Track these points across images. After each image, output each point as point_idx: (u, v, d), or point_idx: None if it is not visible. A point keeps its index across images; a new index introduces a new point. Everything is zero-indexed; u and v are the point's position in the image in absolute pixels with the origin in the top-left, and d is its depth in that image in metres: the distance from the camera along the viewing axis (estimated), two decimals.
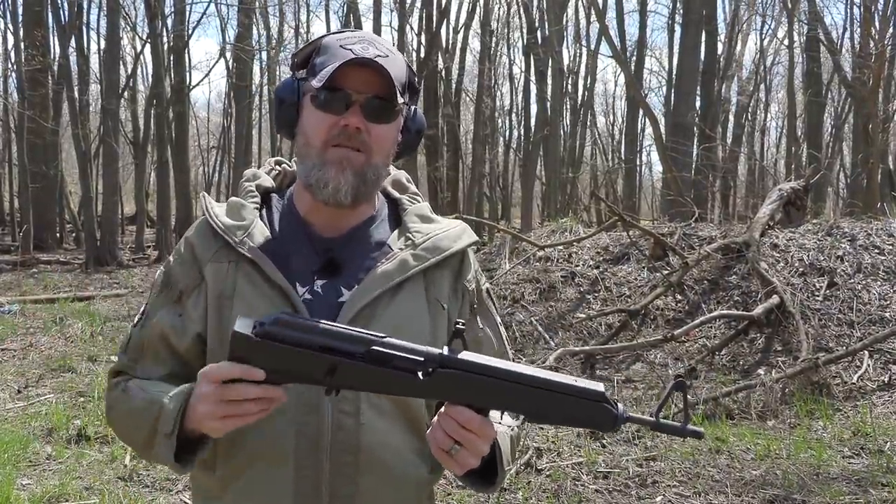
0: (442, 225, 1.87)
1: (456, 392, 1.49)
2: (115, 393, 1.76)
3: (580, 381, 1.52)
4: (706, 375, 7.86)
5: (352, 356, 1.48)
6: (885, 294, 8.39)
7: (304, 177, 1.72)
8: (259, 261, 1.68)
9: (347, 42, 1.70)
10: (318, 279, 1.72)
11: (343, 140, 1.67)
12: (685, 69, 21.66)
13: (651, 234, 10.28)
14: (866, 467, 5.65)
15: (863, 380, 7.37)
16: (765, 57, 35.17)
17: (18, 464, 5.93)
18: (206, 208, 1.77)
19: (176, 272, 1.76)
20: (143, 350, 1.76)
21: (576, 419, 1.53)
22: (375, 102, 1.68)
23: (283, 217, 1.80)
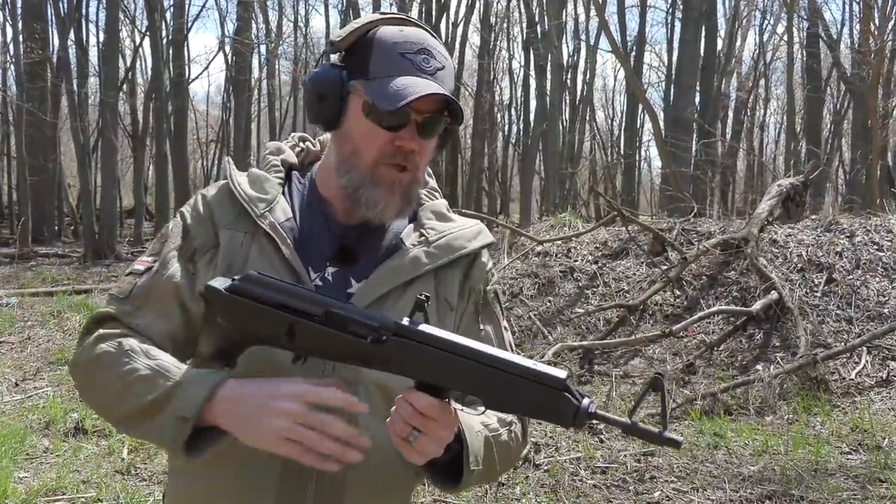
0: (458, 224, 1.85)
1: (409, 364, 1.45)
2: (103, 345, 1.61)
3: (541, 366, 1.43)
4: (704, 371, 7.86)
5: (311, 317, 1.48)
6: (883, 290, 8.39)
7: (350, 189, 1.66)
8: (278, 238, 1.65)
9: (407, 49, 1.63)
10: (329, 266, 1.70)
11: (397, 160, 1.64)
12: (685, 65, 21.66)
13: (650, 230, 10.28)
14: (864, 463, 5.65)
15: (861, 376, 7.37)
16: (764, 53, 35.19)
17: (16, 457, 5.91)
18: (229, 174, 1.73)
19: (194, 228, 1.70)
20: (149, 299, 1.66)
21: (533, 407, 1.43)
22: (431, 120, 1.65)
23: (305, 198, 1.76)
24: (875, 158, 16.82)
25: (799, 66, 31.26)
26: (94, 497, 5.19)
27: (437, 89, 1.58)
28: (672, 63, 30.29)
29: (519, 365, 1.42)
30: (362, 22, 1.68)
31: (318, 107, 1.68)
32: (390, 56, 1.62)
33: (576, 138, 35.71)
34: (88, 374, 1.64)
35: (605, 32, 19.12)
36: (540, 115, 27.83)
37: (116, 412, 1.60)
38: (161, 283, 1.66)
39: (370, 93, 1.60)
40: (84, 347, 1.65)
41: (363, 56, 1.65)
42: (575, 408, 1.40)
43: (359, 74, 1.64)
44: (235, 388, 1.49)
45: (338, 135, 1.70)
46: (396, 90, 1.57)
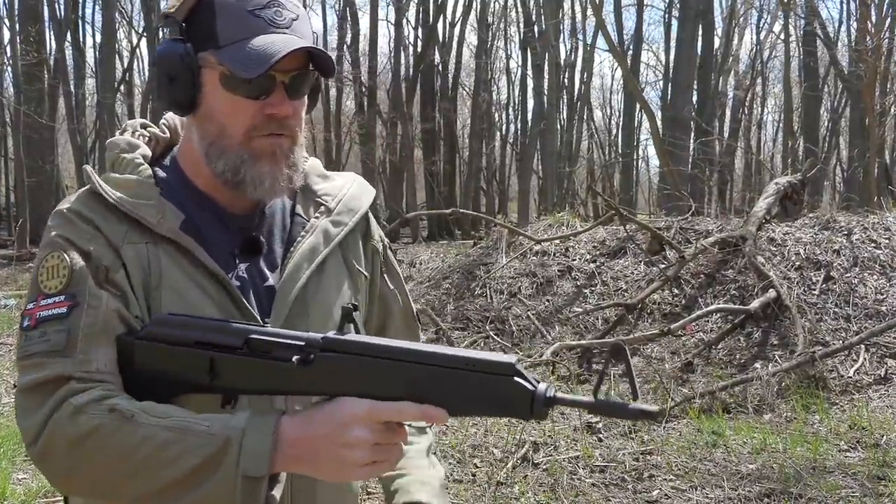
0: (340, 181, 1.74)
1: (342, 380, 1.31)
2: (87, 417, 1.33)
3: (486, 354, 1.29)
4: (703, 369, 7.86)
5: (230, 349, 1.36)
6: (881, 288, 8.40)
7: (230, 173, 1.50)
8: (186, 244, 1.48)
9: (255, 5, 1.47)
10: (239, 262, 1.56)
11: (271, 129, 1.49)
12: (682, 63, 21.70)
13: (648, 229, 10.28)
14: (862, 461, 5.65)
15: (859, 374, 7.37)
16: (761, 51, 35.21)
17: (14, 459, 5.92)
18: (99, 184, 1.50)
19: (91, 247, 1.45)
20: (93, 336, 1.40)
21: (483, 401, 1.28)
22: (298, 78, 1.50)
23: (182, 194, 1.55)
24: (872, 156, 16.82)
25: (796, 65, 31.31)
26: None
27: (299, 43, 1.44)
28: (669, 62, 30.29)
29: (460, 357, 1.28)
30: None
31: (169, 90, 1.50)
32: (238, 16, 1.46)
33: (573, 137, 35.71)
34: (80, 457, 1.35)
35: (602, 31, 19.14)
36: (537, 115, 27.85)
37: (140, 489, 1.34)
38: (102, 316, 1.41)
39: (226, 62, 1.44)
40: (55, 427, 1.35)
41: (207, 22, 1.47)
42: (530, 394, 1.26)
43: (207, 44, 1.47)
44: (296, 428, 1.31)
45: (198, 117, 1.52)
46: (256, 53, 1.42)
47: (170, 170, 1.59)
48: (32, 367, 1.39)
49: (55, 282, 1.44)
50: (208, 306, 1.48)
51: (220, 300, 1.49)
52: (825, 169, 26.11)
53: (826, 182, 27.64)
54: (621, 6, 32.38)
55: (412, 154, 31.96)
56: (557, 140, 29.99)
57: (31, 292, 1.47)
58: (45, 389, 1.37)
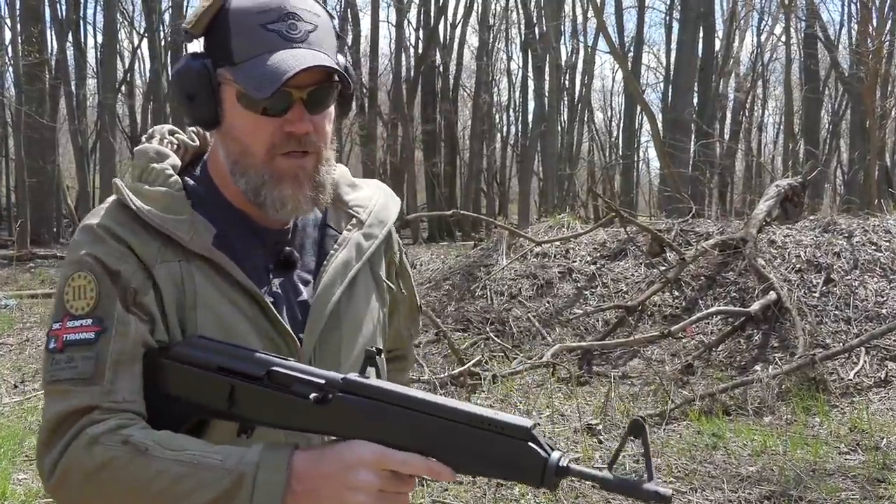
0: (369, 191, 1.71)
1: (356, 423, 1.30)
2: (101, 448, 1.32)
3: (504, 415, 1.26)
4: (703, 371, 7.86)
5: (252, 379, 1.36)
6: (881, 290, 8.39)
7: (252, 194, 1.47)
8: (221, 262, 1.45)
9: (268, 19, 1.42)
10: (273, 277, 1.53)
11: (292, 147, 1.45)
12: (683, 65, 21.71)
13: (648, 231, 10.28)
14: (862, 463, 5.65)
15: (859, 376, 7.37)
16: (762, 53, 35.23)
17: (14, 459, 5.92)
18: (130, 199, 1.46)
19: (120, 268, 1.42)
20: (120, 365, 1.39)
21: (494, 463, 1.25)
22: (318, 93, 1.46)
23: (214, 207, 1.52)
24: (873, 159, 16.82)
25: (797, 67, 31.32)
26: None
27: (312, 60, 1.40)
28: (670, 64, 30.30)
29: (477, 415, 1.26)
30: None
31: (189, 107, 1.48)
32: (252, 32, 1.42)
33: (574, 139, 35.73)
34: (95, 489, 1.34)
35: (603, 33, 19.18)
36: (538, 116, 27.87)
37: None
38: (129, 344, 1.40)
39: (240, 81, 1.41)
40: (72, 457, 1.34)
41: (223, 38, 1.44)
42: (542, 461, 1.23)
43: (223, 60, 1.44)
44: (306, 465, 1.30)
45: (221, 133, 1.50)
46: (268, 72, 1.38)
47: (200, 180, 1.56)
48: (60, 395, 1.38)
49: (82, 303, 1.41)
50: (242, 323, 1.47)
51: (254, 316, 1.48)
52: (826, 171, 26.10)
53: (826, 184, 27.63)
54: (622, 8, 32.44)
55: (413, 155, 31.98)
56: (558, 142, 29.99)
57: (57, 311, 1.44)
58: (70, 420, 1.36)
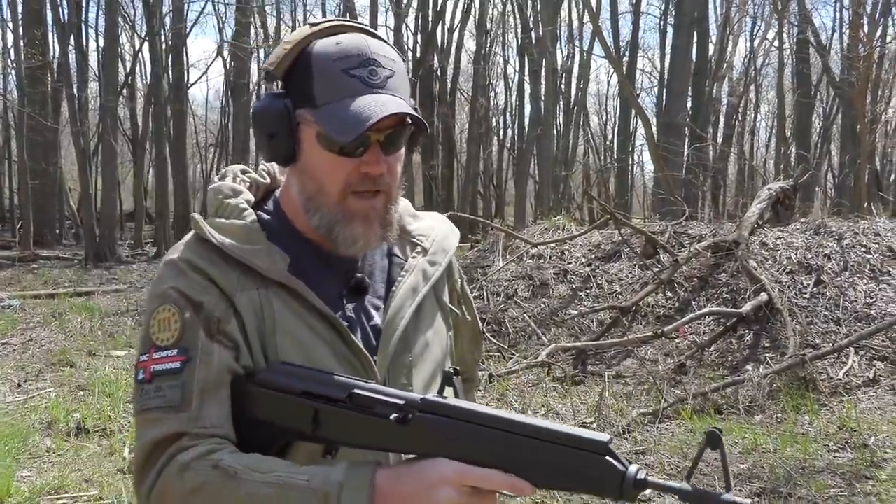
0: (430, 221, 1.77)
1: (435, 442, 1.32)
2: (193, 474, 1.36)
3: (579, 430, 1.27)
4: (695, 371, 7.89)
5: (334, 402, 1.39)
6: (870, 292, 8.43)
7: (324, 230, 1.52)
8: (297, 288, 1.50)
9: (350, 65, 1.47)
10: (347, 303, 1.57)
11: (366, 186, 1.50)
12: (677, 70, 21.72)
13: (642, 233, 10.32)
14: (851, 461, 5.68)
15: (848, 376, 7.40)
16: (755, 58, 35.22)
17: (19, 456, 5.94)
18: (210, 233, 1.51)
19: (203, 299, 1.47)
20: (206, 393, 1.43)
21: (572, 477, 1.26)
22: (393, 136, 1.50)
23: (287, 238, 1.56)
24: (863, 162, 16.86)
25: (789, 72, 31.35)
26: (97, 495, 5.21)
27: (393, 107, 1.45)
28: (664, 68, 30.30)
29: (555, 431, 1.27)
30: (294, 41, 1.50)
31: (269, 145, 1.52)
32: (334, 77, 1.47)
33: (570, 142, 35.70)
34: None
35: (599, 38, 19.16)
36: (534, 120, 27.85)
37: None
38: (213, 371, 1.44)
39: (322, 123, 1.46)
40: (166, 483, 1.39)
41: (304, 81, 1.49)
42: (621, 475, 1.23)
43: (304, 103, 1.48)
44: (388, 483, 1.32)
45: (297, 169, 1.54)
46: (351, 116, 1.43)
47: (273, 213, 1.61)
48: (151, 423, 1.42)
49: (167, 335, 1.46)
50: (320, 346, 1.50)
51: (331, 340, 1.51)
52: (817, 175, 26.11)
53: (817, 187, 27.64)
54: (618, 13, 32.43)
55: (411, 158, 31.95)
56: (554, 145, 30.03)
57: (144, 344, 1.49)
58: (161, 447, 1.40)
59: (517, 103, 36.66)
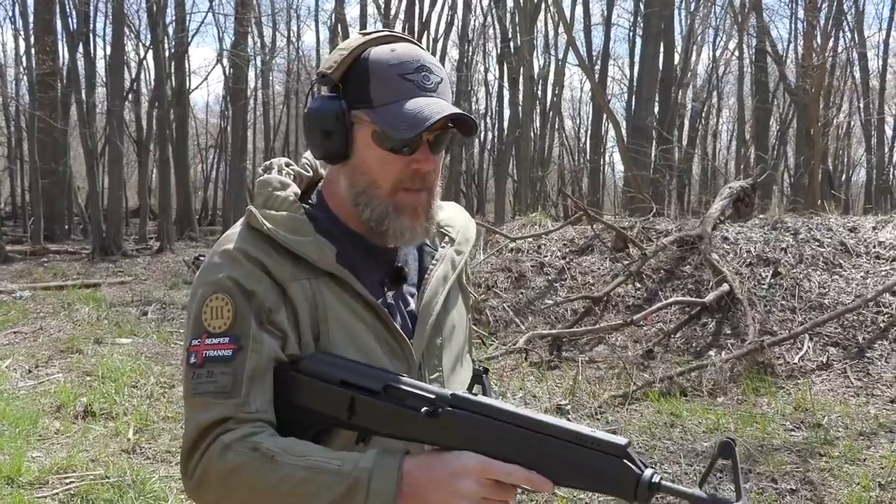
0: (452, 211, 1.76)
1: (462, 435, 1.32)
2: (234, 454, 1.37)
3: (600, 433, 1.27)
4: (662, 356, 7.90)
5: (371, 392, 1.38)
6: (824, 283, 8.46)
7: (375, 223, 1.51)
8: (345, 277, 1.49)
9: (405, 70, 1.48)
10: (387, 290, 1.57)
11: (415, 183, 1.50)
12: (645, 77, 21.77)
13: (613, 228, 10.32)
14: (806, 439, 5.70)
15: (803, 360, 7.43)
16: (717, 67, 35.30)
17: (29, 438, 5.89)
18: (263, 224, 1.49)
19: (256, 288, 1.45)
20: (254, 381, 1.42)
21: (591, 477, 1.25)
22: (442, 137, 1.51)
23: (332, 229, 1.55)
24: (817, 163, 16.91)
25: (748, 80, 31.45)
26: (102, 475, 5.17)
27: (449, 109, 1.47)
28: (633, 76, 30.35)
29: (576, 432, 1.26)
30: (349, 48, 1.51)
31: (324, 143, 1.52)
32: (391, 80, 1.47)
33: (546, 144, 35.67)
34: (226, 492, 1.39)
35: (573, 48, 19.15)
36: (513, 123, 27.84)
37: None
38: (263, 360, 1.43)
39: (380, 122, 1.46)
40: (208, 461, 1.39)
41: (361, 84, 1.49)
42: (636, 477, 1.23)
43: (360, 104, 1.48)
44: (416, 472, 1.31)
45: (348, 167, 1.53)
46: (409, 116, 1.44)
47: (317, 206, 1.59)
48: (202, 407, 1.41)
49: (220, 321, 1.44)
50: (364, 331, 1.50)
51: (374, 325, 1.51)
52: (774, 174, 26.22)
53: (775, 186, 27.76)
54: (590, 25, 32.43)
55: None
56: (531, 146, 30.00)
57: (195, 329, 1.46)
58: (209, 430, 1.39)
59: (497, 108, 36.61)
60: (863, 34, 29.96)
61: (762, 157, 22.17)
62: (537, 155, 32.69)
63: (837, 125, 30.90)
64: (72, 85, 23.39)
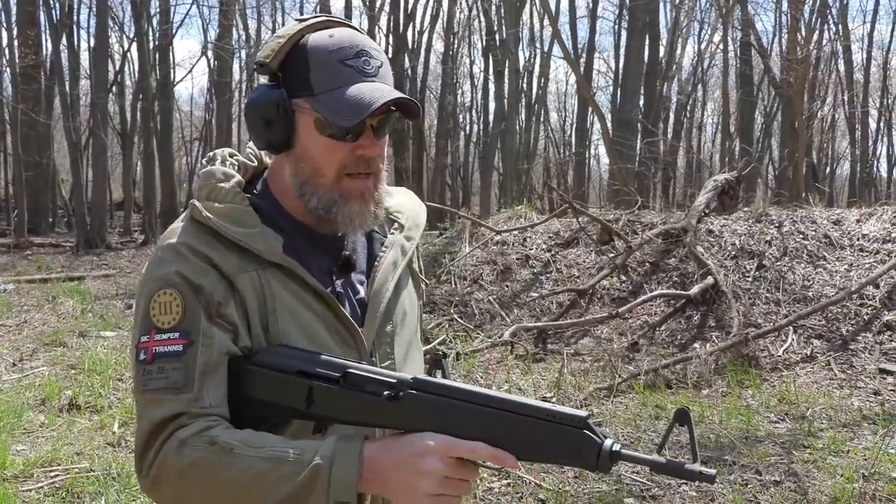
0: (401, 198, 1.75)
1: (425, 418, 1.32)
2: (190, 450, 1.34)
3: (560, 407, 1.29)
4: (647, 349, 7.92)
5: (328, 380, 1.37)
6: (808, 275, 8.50)
7: (323, 211, 1.50)
8: (293, 267, 1.47)
9: (345, 56, 1.46)
10: (336, 279, 1.56)
11: (360, 168, 1.49)
12: (630, 70, 21.78)
13: (598, 221, 10.33)
14: (790, 431, 5.73)
15: (787, 353, 7.47)
16: (702, 60, 35.38)
17: (13, 431, 5.86)
18: (207, 216, 1.47)
19: (203, 282, 1.43)
20: (206, 375, 1.40)
21: (554, 450, 1.28)
22: (385, 121, 1.50)
23: (278, 219, 1.54)
24: (801, 156, 17.00)
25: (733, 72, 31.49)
26: (87, 468, 5.15)
27: (391, 94, 1.45)
28: (619, 69, 30.38)
29: (537, 407, 1.29)
30: (287, 35, 1.48)
31: (266, 133, 1.50)
32: (330, 66, 1.45)
33: (531, 137, 35.72)
34: (184, 488, 1.37)
35: (558, 40, 19.13)
36: (498, 116, 27.83)
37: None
38: (214, 354, 1.41)
39: (322, 109, 1.44)
40: (164, 458, 1.36)
41: (300, 72, 1.47)
42: (597, 447, 1.26)
43: (301, 91, 1.46)
44: (377, 455, 1.32)
45: (291, 156, 1.51)
46: (352, 103, 1.42)
47: (262, 196, 1.57)
48: (153, 403, 1.39)
49: (169, 317, 1.42)
50: (314, 321, 1.49)
51: (324, 314, 1.50)
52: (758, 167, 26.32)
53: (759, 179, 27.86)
54: (576, 17, 32.49)
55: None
56: (516, 139, 30.00)
57: (144, 326, 1.44)
58: (162, 427, 1.38)
59: (482, 101, 36.63)
60: (847, 27, 30.07)
61: (747, 149, 22.26)
62: (523, 148, 32.73)
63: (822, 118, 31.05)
64: (55, 77, 23.22)
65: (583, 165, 33.38)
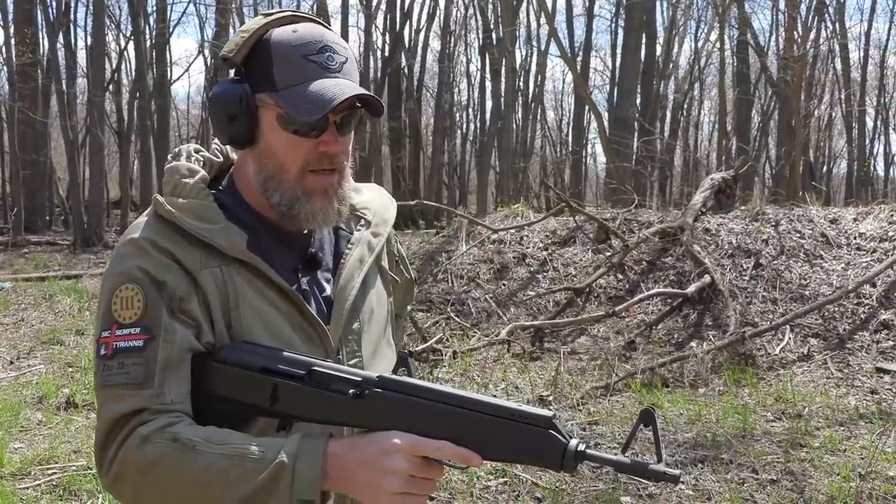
0: (370, 194, 1.75)
1: (390, 416, 1.32)
2: (152, 447, 1.33)
3: (525, 406, 1.29)
4: (644, 348, 7.93)
5: (293, 378, 1.37)
6: (804, 274, 8.50)
7: (285, 207, 1.49)
8: (257, 264, 1.46)
9: (308, 51, 1.45)
10: (301, 276, 1.55)
11: (324, 164, 1.48)
12: (627, 69, 21.77)
13: (595, 219, 10.33)
14: (786, 430, 5.73)
15: (784, 352, 7.47)
16: (699, 58, 35.41)
17: (11, 429, 5.86)
18: (171, 213, 1.46)
19: (166, 278, 1.42)
20: (168, 370, 1.39)
21: (519, 449, 1.28)
22: (349, 117, 1.49)
23: (244, 216, 1.53)
24: (798, 155, 17.02)
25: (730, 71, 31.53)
26: (85, 465, 5.15)
27: (353, 90, 1.44)
28: (615, 67, 30.41)
29: (502, 406, 1.29)
30: (251, 30, 1.48)
31: (229, 127, 1.48)
32: (293, 62, 1.44)
33: (528, 136, 35.73)
34: (146, 485, 1.35)
35: (555, 39, 19.14)
36: (495, 115, 27.84)
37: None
38: (175, 350, 1.39)
39: (284, 105, 1.43)
40: (126, 455, 1.35)
41: (264, 67, 1.46)
42: (563, 447, 1.26)
43: (264, 87, 1.46)
44: (342, 454, 1.32)
45: (255, 152, 1.50)
46: (314, 98, 1.41)
47: (227, 192, 1.57)
48: (113, 399, 1.38)
49: (130, 312, 1.41)
50: (279, 318, 1.48)
51: (288, 311, 1.49)
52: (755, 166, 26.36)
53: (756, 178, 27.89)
54: (572, 16, 32.48)
55: (380, 150, 31.86)
56: (513, 138, 30.02)
57: (105, 320, 1.43)
58: (123, 422, 1.36)
59: (479, 99, 36.66)
60: (844, 25, 30.12)
61: (743, 148, 22.28)
62: (519, 146, 32.74)
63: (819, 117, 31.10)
64: (52, 75, 23.21)
65: (579, 164, 33.41)
